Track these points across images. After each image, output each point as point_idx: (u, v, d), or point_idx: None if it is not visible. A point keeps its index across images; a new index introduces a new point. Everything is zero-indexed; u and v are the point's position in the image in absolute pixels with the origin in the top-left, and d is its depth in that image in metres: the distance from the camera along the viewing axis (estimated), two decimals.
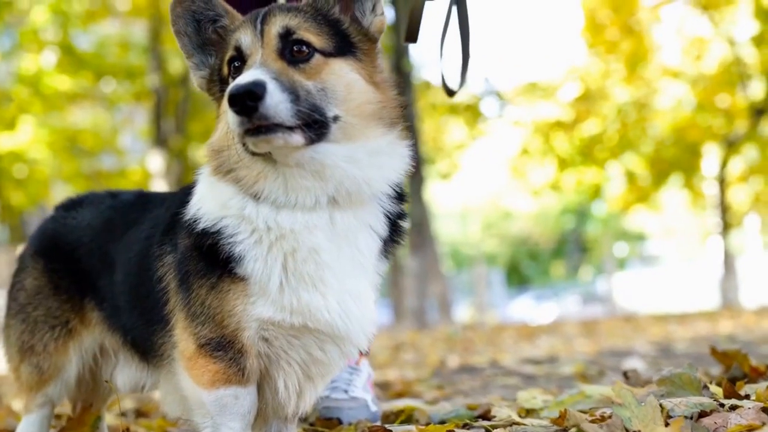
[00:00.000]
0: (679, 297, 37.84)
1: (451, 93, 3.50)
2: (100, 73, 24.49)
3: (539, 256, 61.96)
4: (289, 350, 2.51)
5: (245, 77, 2.24)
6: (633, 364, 5.81)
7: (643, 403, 2.43)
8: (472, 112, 27.51)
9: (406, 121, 2.59)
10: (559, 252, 61.66)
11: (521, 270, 61.20)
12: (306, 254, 2.42)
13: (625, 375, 3.58)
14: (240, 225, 2.45)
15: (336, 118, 2.38)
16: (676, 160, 27.51)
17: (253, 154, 2.38)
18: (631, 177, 28.82)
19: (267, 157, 2.38)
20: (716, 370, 4.16)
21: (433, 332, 16.61)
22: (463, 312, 38.72)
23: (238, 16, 2.60)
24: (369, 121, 2.46)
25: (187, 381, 2.56)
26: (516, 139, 30.47)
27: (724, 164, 26.89)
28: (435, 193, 40.13)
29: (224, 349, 2.47)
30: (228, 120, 2.29)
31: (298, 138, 2.29)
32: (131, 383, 3.02)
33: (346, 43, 2.52)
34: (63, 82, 23.32)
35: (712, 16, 25.81)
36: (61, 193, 26.96)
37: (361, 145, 2.43)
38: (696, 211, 35.78)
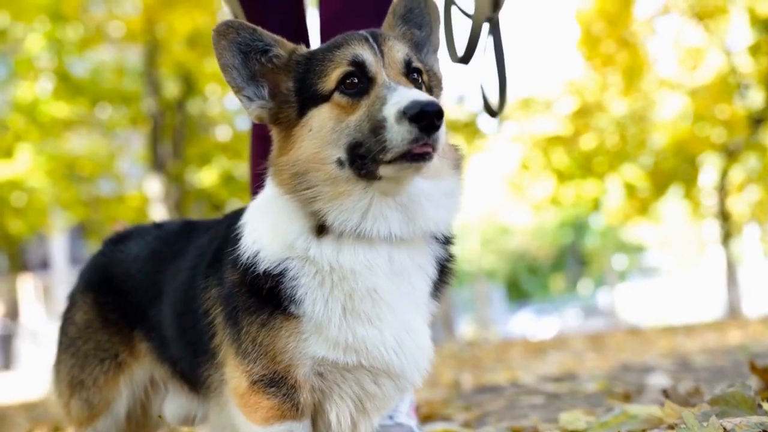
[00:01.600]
0: (681, 308, 37.84)
1: (493, 114, 3.49)
2: (96, 99, 24.44)
3: (538, 271, 61.97)
4: (342, 384, 2.47)
5: (417, 95, 2.23)
6: (656, 379, 5.76)
7: (705, 424, 2.37)
8: (470, 129, 27.50)
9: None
10: (558, 266, 61.67)
11: (521, 285, 61.21)
12: (364, 293, 2.39)
13: (665, 393, 3.51)
14: (304, 267, 2.41)
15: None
16: (676, 170, 27.52)
17: (361, 175, 2.33)
18: (630, 189, 28.80)
19: (360, 178, 2.34)
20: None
21: (440, 350, 16.54)
22: (465, 328, 38.67)
23: (290, 44, 2.56)
24: (444, 159, 2.45)
25: (240, 418, 2.53)
26: (514, 155, 30.46)
27: (724, 174, 26.93)
28: None
29: (277, 385, 2.43)
30: (390, 136, 2.23)
31: (429, 165, 2.29)
32: (181, 415, 3.00)
33: (428, 77, 2.57)
34: (60, 110, 23.29)
35: (707, 25, 25.85)
36: (59, 220, 26.94)
37: (439, 183, 2.43)
38: (695, 221, 35.76)
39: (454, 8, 3.49)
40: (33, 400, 11.52)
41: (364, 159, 2.29)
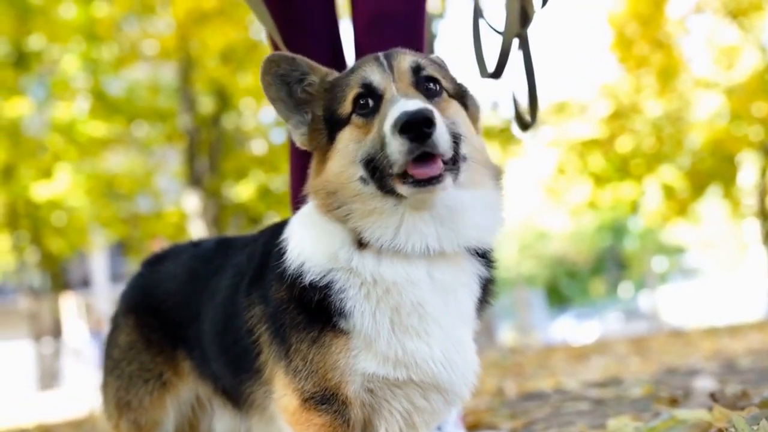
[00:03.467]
0: (723, 309, 37.45)
1: (526, 128, 3.49)
2: (132, 117, 24.69)
3: (578, 275, 61.63)
4: (392, 400, 2.47)
5: (409, 105, 2.23)
6: (703, 383, 5.69)
7: (755, 428, 2.34)
8: (505, 135, 27.43)
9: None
10: (598, 269, 61.29)
11: (561, 290, 60.88)
12: (410, 308, 2.38)
13: (713, 397, 3.48)
14: (350, 279, 2.41)
15: (465, 157, 2.38)
16: (714, 171, 27.31)
17: (386, 192, 2.35)
18: (668, 190, 28.58)
19: (389, 193, 2.35)
20: None
21: (481, 358, 16.44)
22: (505, 335, 38.52)
23: (324, 69, 2.61)
24: (481, 167, 2.45)
25: None
26: (550, 159, 30.33)
27: (763, 172, 26.68)
28: None
29: (329, 402, 2.44)
30: (390, 150, 2.25)
31: (449, 181, 2.28)
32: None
33: (458, 90, 2.57)
34: (97, 128, 23.53)
35: (742, 23, 25.65)
36: (99, 238, 27.18)
37: (481, 194, 2.43)
38: (735, 220, 35.42)
39: (483, 23, 3.50)
40: (78, 417, 11.58)
41: (379, 174, 2.31)
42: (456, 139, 2.34)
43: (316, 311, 2.42)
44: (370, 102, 2.41)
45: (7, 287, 33.77)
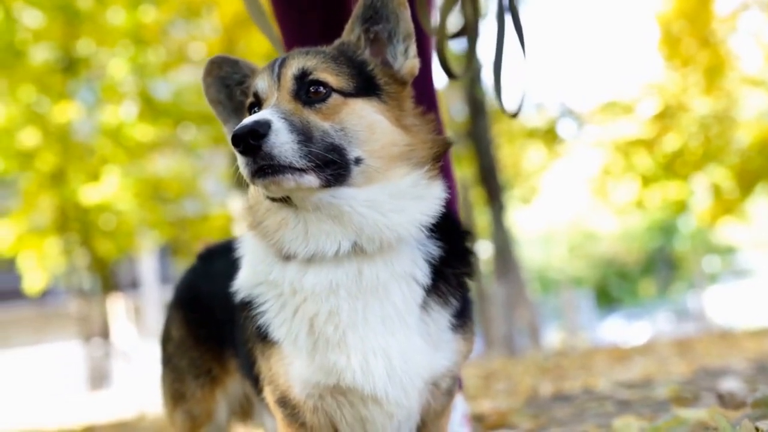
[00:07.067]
0: None
1: (512, 115, 3.44)
2: (179, 120, 24.89)
3: (627, 276, 61.06)
4: (342, 407, 2.48)
5: (251, 117, 2.22)
6: (728, 384, 5.66)
7: (738, 426, 2.36)
8: (550, 135, 27.32)
9: (439, 160, 2.50)
10: (648, 270, 60.69)
11: (609, 290, 60.35)
12: (326, 317, 2.37)
13: (720, 397, 3.48)
14: (268, 292, 2.46)
15: (358, 160, 2.33)
16: (762, 169, 26.95)
17: (274, 200, 2.36)
18: (716, 189, 28.27)
19: (290, 203, 2.35)
20: None
21: (524, 359, 16.42)
22: (552, 336, 38.30)
23: None
24: (393, 163, 2.38)
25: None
26: (596, 159, 30.17)
27: None
28: (517, 218, 39.91)
29: (284, 405, 2.51)
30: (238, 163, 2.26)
31: (310, 179, 2.24)
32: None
33: (370, 84, 2.47)
34: (144, 132, 23.77)
35: None
36: (147, 240, 27.45)
37: (382, 188, 2.36)
38: None
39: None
40: (126, 419, 11.73)
41: None
42: (343, 144, 2.31)
43: (256, 325, 2.49)
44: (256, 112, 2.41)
45: (57, 290, 34.19)
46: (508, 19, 3.37)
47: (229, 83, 2.65)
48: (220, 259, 3.17)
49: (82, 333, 27.50)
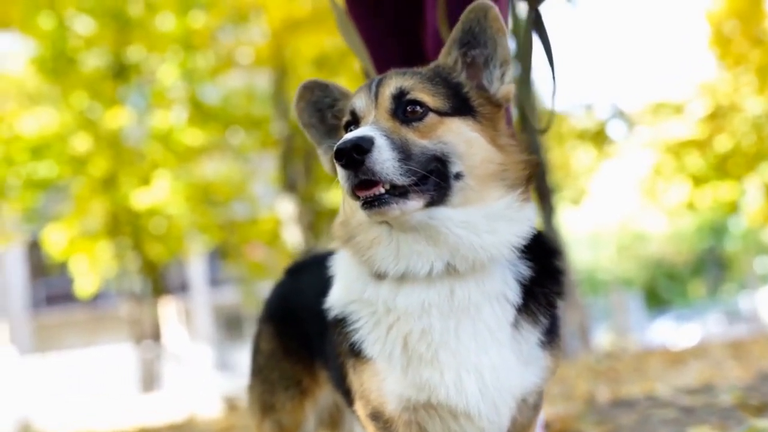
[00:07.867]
0: None
1: (542, 131, 3.43)
2: (228, 124, 25.06)
3: (677, 277, 60.51)
4: (431, 422, 2.49)
5: (354, 132, 2.25)
6: None
7: None
8: (599, 136, 27.14)
9: (531, 182, 2.50)
10: (698, 271, 60.11)
11: (659, 292, 59.84)
12: (419, 335, 2.39)
13: None
14: (362, 309, 2.49)
15: (458, 176, 2.34)
16: None
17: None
18: None
19: (384, 222, 2.37)
20: None
21: (575, 362, 16.30)
22: (602, 338, 38.01)
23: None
24: (489, 182, 2.39)
25: None
26: (646, 160, 29.92)
27: None
28: (566, 219, 39.69)
29: (377, 419, 2.53)
30: (339, 177, 2.28)
31: (414, 203, 2.26)
32: None
33: (465, 105, 2.48)
34: (193, 136, 23.94)
35: None
36: (197, 244, 27.66)
37: (478, 209, 2.36)
38: None
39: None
40: (177, 421, 11.81)
41: None
42: (444, 159, 2.33)
43: (349, 341, 2.52)
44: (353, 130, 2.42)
45: (109, 293, 34.56)
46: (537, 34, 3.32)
47: (320, 107, 2.69)
48: (308, 274, 3.21)
49: (134, 335, 27.78)
